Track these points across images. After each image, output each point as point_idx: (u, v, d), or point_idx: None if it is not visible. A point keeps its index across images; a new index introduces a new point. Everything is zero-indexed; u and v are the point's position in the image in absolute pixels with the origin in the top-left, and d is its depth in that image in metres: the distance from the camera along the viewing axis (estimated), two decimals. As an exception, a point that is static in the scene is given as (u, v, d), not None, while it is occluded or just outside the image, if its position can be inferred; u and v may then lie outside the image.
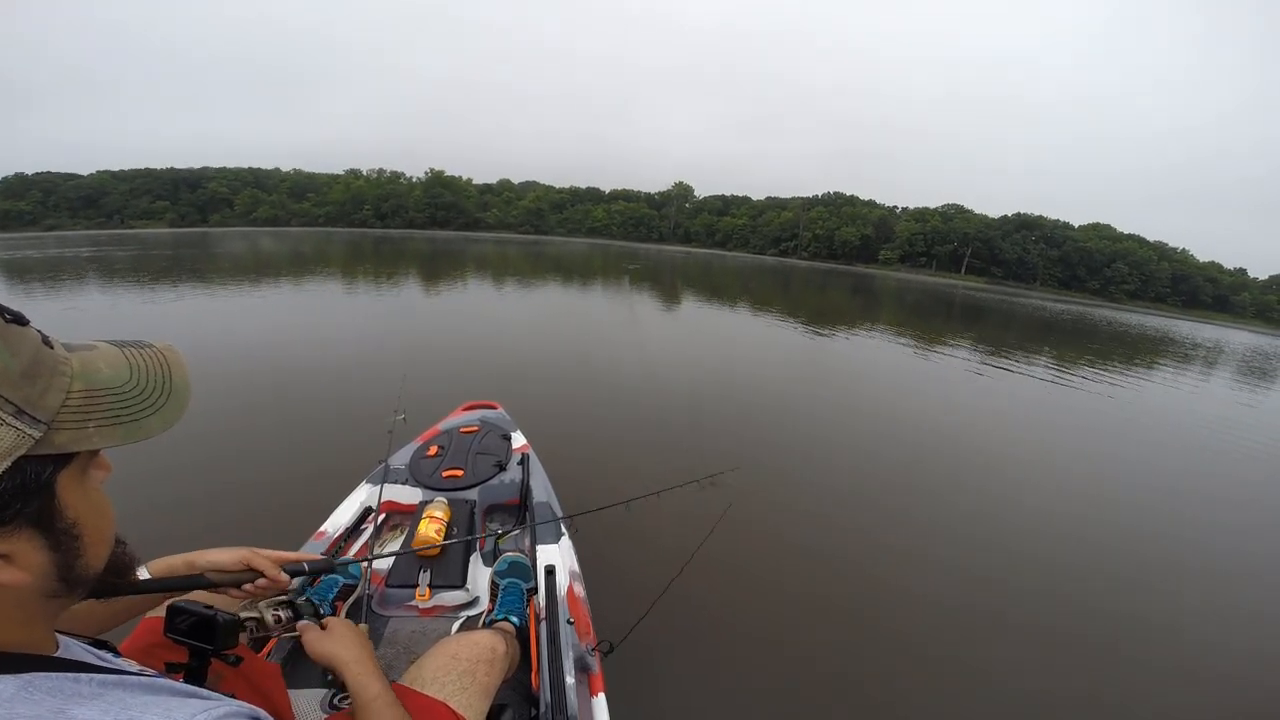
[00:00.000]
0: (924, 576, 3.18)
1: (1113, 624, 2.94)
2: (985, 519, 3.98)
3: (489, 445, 2.57)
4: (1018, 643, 2.73)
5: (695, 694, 2.20)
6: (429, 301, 13.69)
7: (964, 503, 4.24)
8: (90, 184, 68.59)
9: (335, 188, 75.20)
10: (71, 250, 26.07)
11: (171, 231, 56.19)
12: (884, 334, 13.10)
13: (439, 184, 75.66)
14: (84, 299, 11.04)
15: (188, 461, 3.90)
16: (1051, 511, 4.19)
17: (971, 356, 11.10)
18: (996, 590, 3.15)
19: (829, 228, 67.18)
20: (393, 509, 2.22)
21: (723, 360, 8.78)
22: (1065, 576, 3.33)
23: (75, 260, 20.29)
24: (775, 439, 5.26)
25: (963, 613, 2.91)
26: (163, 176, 71.47)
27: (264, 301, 11.81)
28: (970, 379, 9.04)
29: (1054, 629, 2.86)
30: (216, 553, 0.97)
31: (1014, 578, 3.27)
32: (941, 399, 7.62)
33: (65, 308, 9.94)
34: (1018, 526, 3.90)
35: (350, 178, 78.01)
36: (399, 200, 73.99)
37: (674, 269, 29.95)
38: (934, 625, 2.77)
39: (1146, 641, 2.86)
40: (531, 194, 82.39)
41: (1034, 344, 14.69)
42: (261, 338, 8.46)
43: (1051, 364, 11.42)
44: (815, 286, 29.68)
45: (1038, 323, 22.39)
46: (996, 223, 65.11)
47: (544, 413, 4.98)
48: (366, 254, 28.76)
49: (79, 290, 12.39)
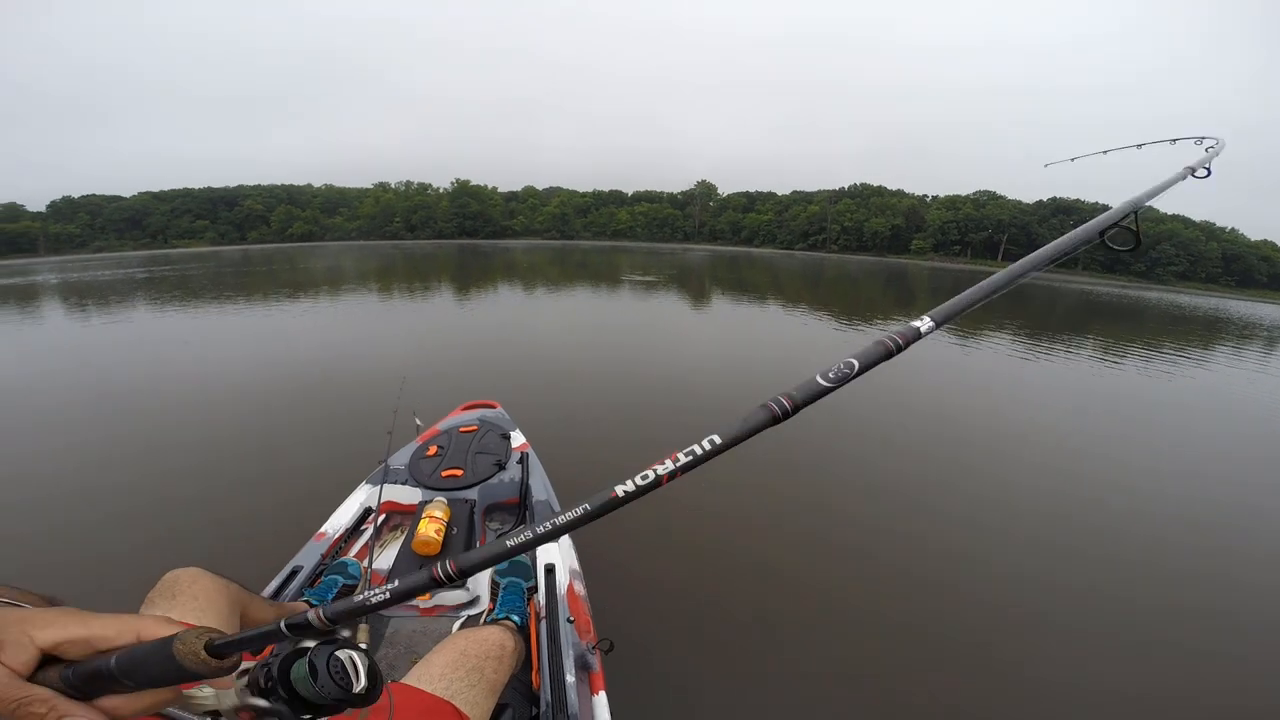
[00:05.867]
0: (939, 570, 3.07)
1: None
2: (1011, 511, 3.81)
3: (488, 444, 2.57)
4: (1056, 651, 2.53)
5: (696, 692, 2.18)
6: (432, 304, 14.03)
7: (977, 489, 4.09)
8: (133, 205, 71.00)
9: (365, 201, 76.75)
10: (143, 269, 27.41)
11: (261, 248, 58.15)
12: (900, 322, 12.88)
13: (466, 194, 76.71)
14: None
15: (188, 465, 3.98)
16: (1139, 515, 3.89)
17: (1033, 345, 10.85)
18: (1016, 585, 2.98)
19: (858, 219, 66.37)
20: (393, 509, 2.23)
21: (728, 355, 8.71)
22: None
23: (172, 278, 21.28)
24: (778, 434, 5.14)
25: (990, 607, 2.81)
26: (200, 196, 73.69)
27: (281, 311, 12.22)
28: (1023, 365, 8.80)
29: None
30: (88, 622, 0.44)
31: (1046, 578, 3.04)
32: (986, 387, 7.45)
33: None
34: (1075, 540, 3.56)
35: (379, 191, 79.50)
36: (428, 211, 75.18)
37: (698, 269, 29.89)
38: (963, 624, 2.67)
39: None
40: (555, 199, 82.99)
41: (1126, 333, 14.37)
42: (264, 344, 8.67)
43: (1145, 352, 11.05)
44: (848, 279, 29.50)
45: (1093, 307, 21.85)
46: (1032, 208, 63.64)
47: (543, 412, 4.98)
48: (417, 265, 29.46)
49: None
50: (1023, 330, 12.72)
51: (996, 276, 0.52)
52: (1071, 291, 31.00)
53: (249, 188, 76.48)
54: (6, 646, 0.39)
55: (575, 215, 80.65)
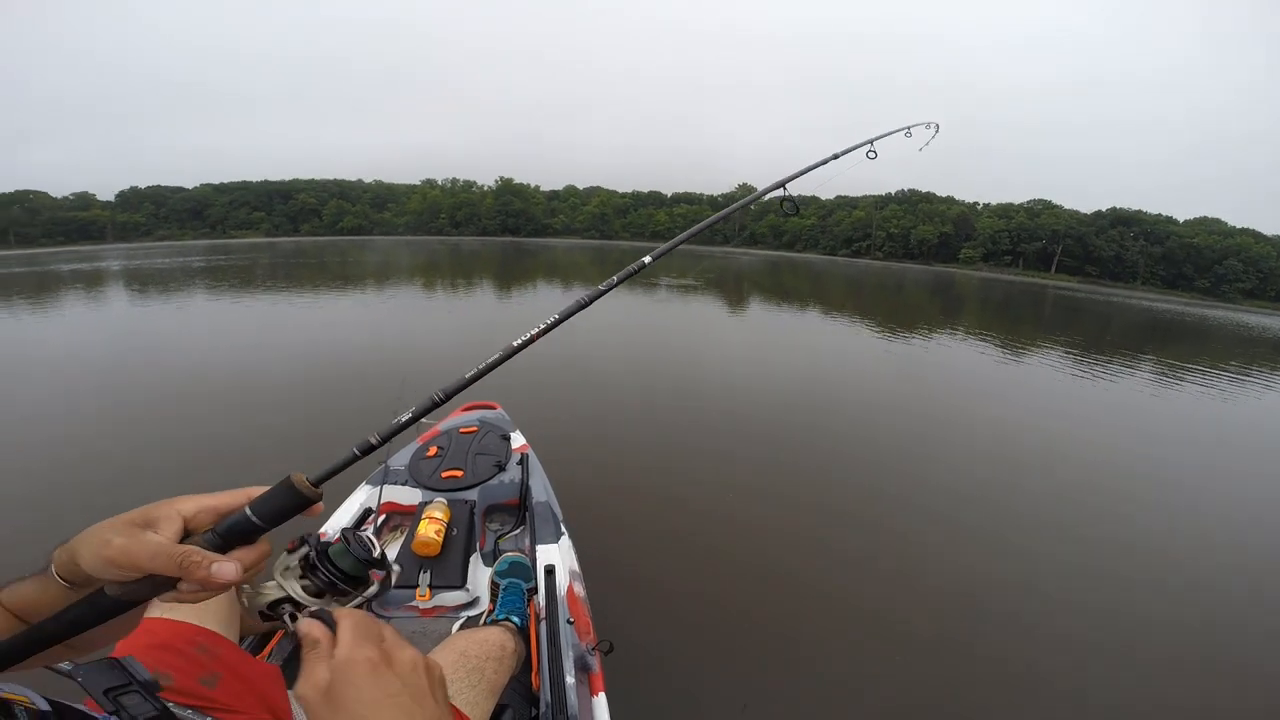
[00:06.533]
0: (943, 576, 3.04)
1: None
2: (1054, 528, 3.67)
3: (488, 445, 2.56)
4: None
5: (696, 693, 2.17)
6: (462, 302, 14.26)
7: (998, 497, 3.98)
8: (195, 196, 74.30)
9: (413, 198, 78.65)
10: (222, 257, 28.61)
11: (313, 240, 60.30)
12: (960, 337, 12.52)
13: (509, 192, 77.88)
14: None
15: (186, 461, 4.01)
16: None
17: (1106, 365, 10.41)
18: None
19: (904, 226, 65.02)
20: (393, 510, 2.22)
21: (731, 359, 8.60)
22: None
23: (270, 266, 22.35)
24: (780, 434, 5.10)
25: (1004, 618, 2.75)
26: (257, 189, 76.63)
27: (291, 306, 12.53)
28: (1075, 382, 8.44)
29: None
30: (95, 536, 0.48)
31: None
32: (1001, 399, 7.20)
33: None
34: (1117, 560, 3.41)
35: (426, 188, 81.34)
36: (472, 209, 76.59)
37: (737, 273, 29.66)
38: (968, 627, 2.66)
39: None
40: (595, 199, 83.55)
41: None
42: (269, 341, 8.82)
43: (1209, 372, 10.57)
44: (891, 287, 28.88)
45: (1157, 325, 20.82)
46: (1089, 218, 61.29)
47: (544, 413, 4.90)
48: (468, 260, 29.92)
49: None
50: (1075, 346, 12.22)
51: (703, 221, 0.92)
52: (1130, 308, 29.61)
53: (303, 181, 79.16)
54: (160, 522, 0.50)
55: (615, 215, 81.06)
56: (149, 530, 0.49)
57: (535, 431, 2.95)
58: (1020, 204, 64.34)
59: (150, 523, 0.49)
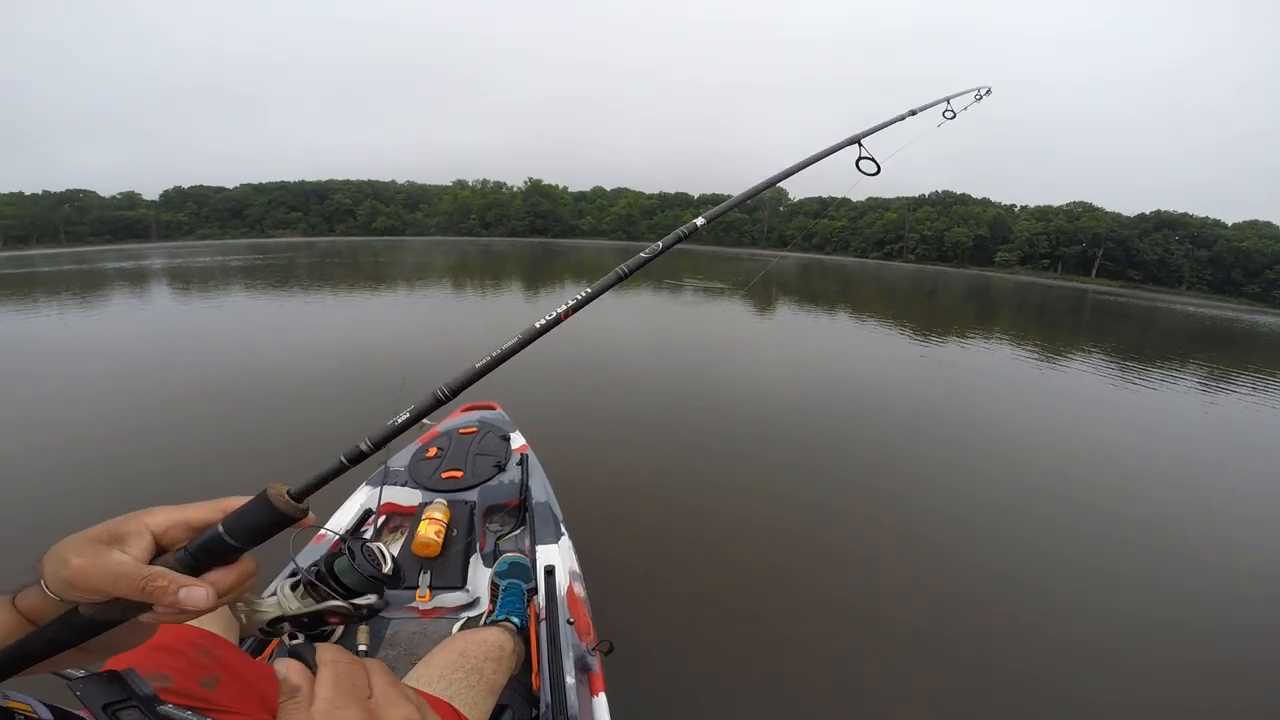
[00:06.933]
0: (948, 577, 3.00)
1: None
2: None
3: (488, 446, 2.55)
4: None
5: (696, 693, 2.16)
6: (485, 303, 14.28)
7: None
8: (235, 196, 76.46)
9: (444, 198, 79.88)
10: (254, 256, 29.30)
11: (348, 240, 61.58)
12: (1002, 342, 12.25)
13: (537, 193, 78.61)
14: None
15: (185, 463, 4.01)
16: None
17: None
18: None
19: (938, 228, 63.94)
20: (393, 511, 2.21)
21: (735, 360, 8.42)
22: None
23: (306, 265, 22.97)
24: (783, 435, 5.00)
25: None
26: (295, 189, 78.55)
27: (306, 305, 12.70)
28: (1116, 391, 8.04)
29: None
30: (57, 554, 0.45)
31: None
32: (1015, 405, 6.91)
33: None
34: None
35: (457, 189, 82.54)
36: (502, 209, 77.48)
37: (766, 276, 29.25)
38: (974, 631, 2.63)
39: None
40: (622, 200, 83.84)
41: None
42: (272, 342, 8.82)
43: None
44: (924, 291, 28.27)
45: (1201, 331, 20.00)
46: (1132, 221, 59.52)
47: (544, 413, 4.86)
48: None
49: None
50: (1116, 352, 11.80)
51: (759, 183, 0.82)
52: (1175, 313, 28.61)
53: (338, 182, 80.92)
54: (129, 538, 0.45)
55: (641, 217, 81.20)
56: (115, 548, 0.44)
57: (535, 432, 2.96)
58: (1059, 206, 62.79)
59: (118, 539, 0.45)
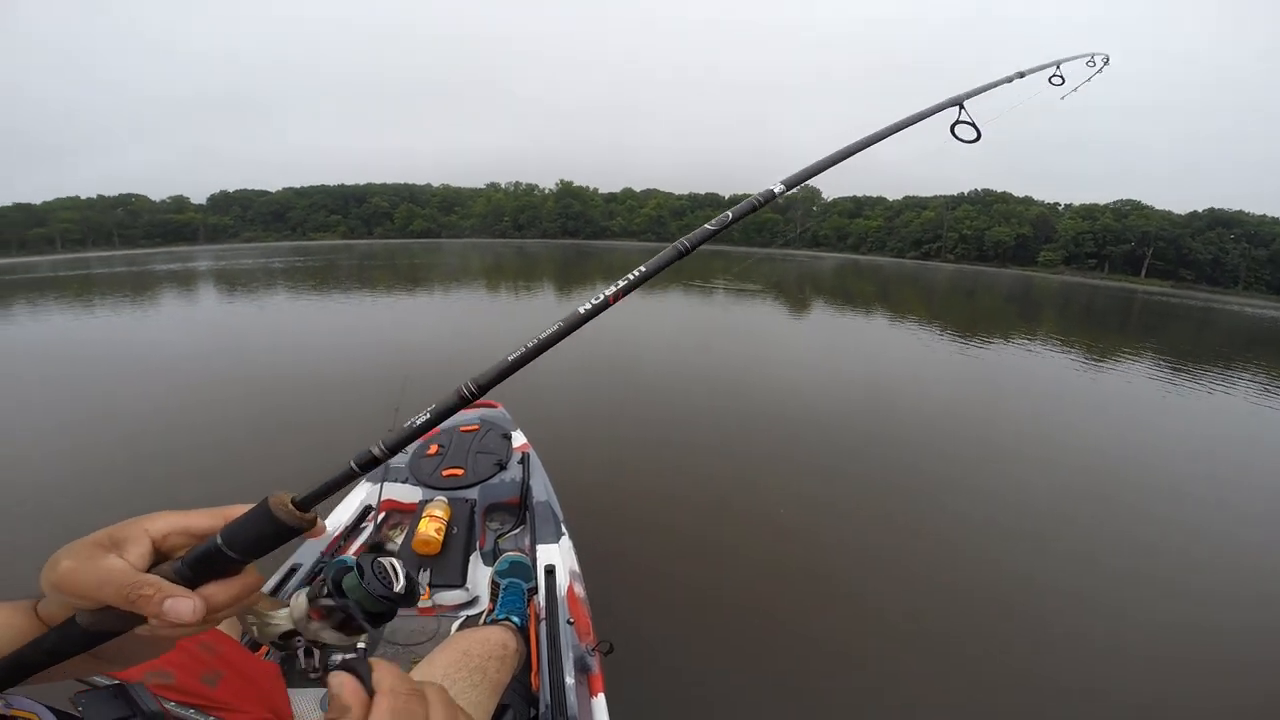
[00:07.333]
0: (954, 575, 2.97)
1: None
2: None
3: (489, 444, 2.54)
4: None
5: (696, 693, 2.15)
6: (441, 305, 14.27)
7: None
8: (278, 200, 78.62)
9: (478, 201, 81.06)
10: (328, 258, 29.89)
11: (385, 243, 62.64)
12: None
13: (569, 194, 79.24)
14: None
15: (189, 462, 4.03)
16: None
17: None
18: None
19: (978, 227, 62.67)
20: (393, 508, 2.21)
21: (738, 360, 8.27)
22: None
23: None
24: (788, 437, 4.92)
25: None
26: (334, 192, 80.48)
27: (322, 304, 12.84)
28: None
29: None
30: (53, 557, 0.42)
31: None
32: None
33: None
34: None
35: (490, 191, 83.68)
36: (534, 211, 78.31)
37: (800, 277, 28.71)
38: (978, 631, 2.59)
39: None
40: (652, 201, 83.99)
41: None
42: (279, 341, 8.92)
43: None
44: (963, 291, 27.62)
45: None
46: (1183, 220, 57.62)
47: (545, 412, 4.81)
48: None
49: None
50: (1168, 354, 11.38)
51: (847, 146, 0.69)
52: (1232, 314, 27.57)
53: (375, 186, 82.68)
54: (127, 543, 0.43)
55: (671, 217, 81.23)
56: (113, 553, 0.42)
57: (536, 431, 2.95)
58: (1106, 204, 61.06)
59: (117, 544, 0.43)
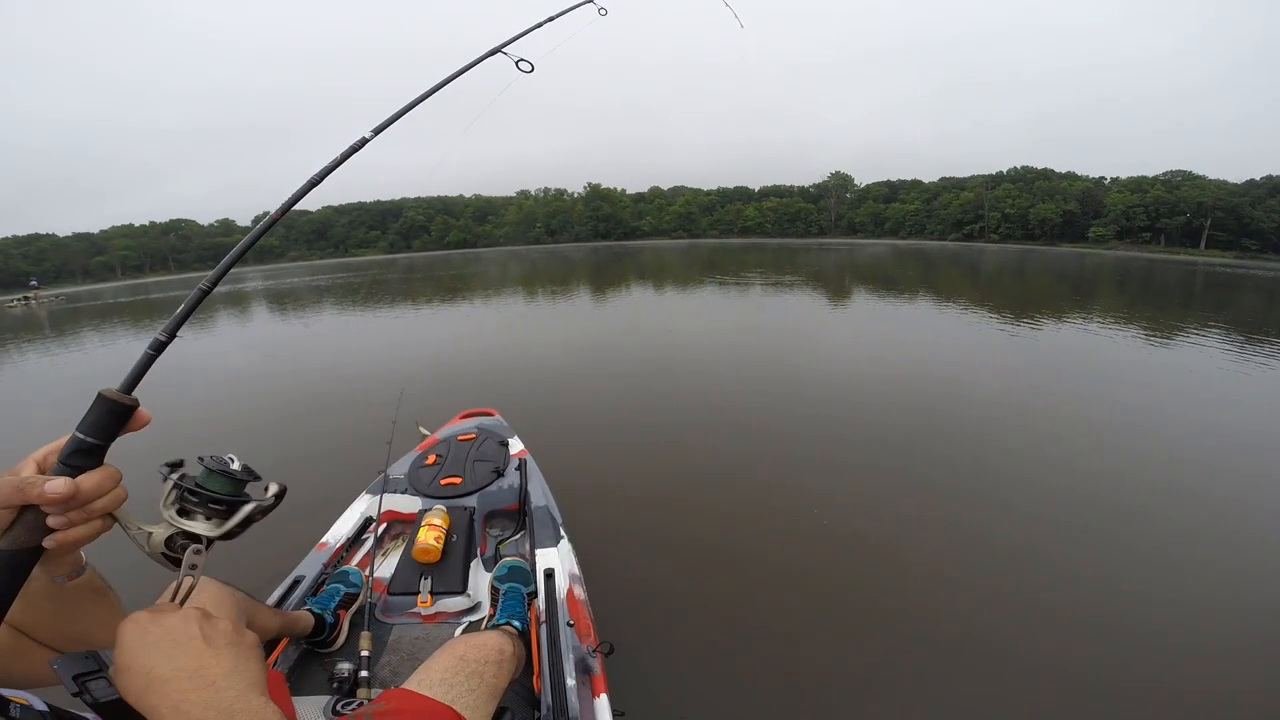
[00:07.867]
0: (959, 572, 2.93)
1: None
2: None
3: (487, 452, 2.58)
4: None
5: (697, 693, 2.17)
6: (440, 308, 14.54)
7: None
8: (318, 219, 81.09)
9: (510, 209, 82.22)
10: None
11: (424, 256, 63.77)
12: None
13: (597, 197, 79.71)
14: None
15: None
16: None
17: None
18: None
19: (1020, 206, 60.93)
20: (393, 518, 2.24)
21: (739, 359, 8.14)
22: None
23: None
24: (790, 437, 4.83)
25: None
26: (371, 209, 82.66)
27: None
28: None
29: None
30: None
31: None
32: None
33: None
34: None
35: (521, 198, 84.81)
36: (565, 216, 79.11)
37: (840, 266, 27.98)
38: (981, 630, 2.53)
39: None
40: (681, 199, 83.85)
41: None
42: (272, 356, 9.20)
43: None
44: (1012, 271, 26.52)
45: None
46: (1241, 188, 54.88)
47: (541, 419, 4.83)
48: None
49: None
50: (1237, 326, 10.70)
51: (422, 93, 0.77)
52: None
53: (411, 200, 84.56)
54: (18, 468, 0.59)
55: (701, 213, 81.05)
56: (7, 474, 0.57)
57: (533, 437, 2.97)
58: (1155, 176, 58.49)
59: (13, 471, 0.58)
